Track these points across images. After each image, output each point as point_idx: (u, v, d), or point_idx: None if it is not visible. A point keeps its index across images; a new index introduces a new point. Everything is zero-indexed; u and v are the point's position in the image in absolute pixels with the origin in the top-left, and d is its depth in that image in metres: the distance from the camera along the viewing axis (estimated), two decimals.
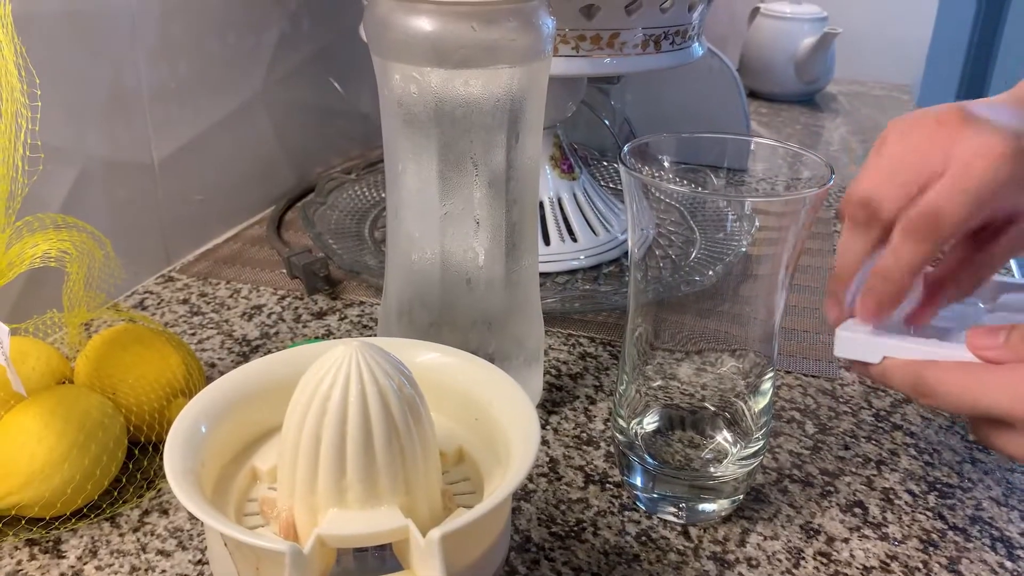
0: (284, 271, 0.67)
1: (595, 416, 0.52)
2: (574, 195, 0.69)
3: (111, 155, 0.61)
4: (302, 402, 0.30)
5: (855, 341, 0.40)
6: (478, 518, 0.27)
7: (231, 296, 0.64)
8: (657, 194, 0.43)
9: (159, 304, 0.63)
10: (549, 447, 0.49)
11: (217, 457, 0.33)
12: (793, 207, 0.39)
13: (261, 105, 0.76)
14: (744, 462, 0.43)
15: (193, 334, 0.59)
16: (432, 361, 0.36)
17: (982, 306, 0.43)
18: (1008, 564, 0.42)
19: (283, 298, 0.64)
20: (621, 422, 0.45)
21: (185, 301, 0.63)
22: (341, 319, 0.61)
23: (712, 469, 0.43)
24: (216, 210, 0.73)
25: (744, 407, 0.44)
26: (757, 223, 0.43)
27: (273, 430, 0.35)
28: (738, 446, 0.44)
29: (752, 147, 0.46)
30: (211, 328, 0.60)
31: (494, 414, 0.34)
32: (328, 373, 0.29)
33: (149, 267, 0.67)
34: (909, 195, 0.38)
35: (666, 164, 0.56)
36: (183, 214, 0.69)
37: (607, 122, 0.91)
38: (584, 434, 0.50)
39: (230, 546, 0.29)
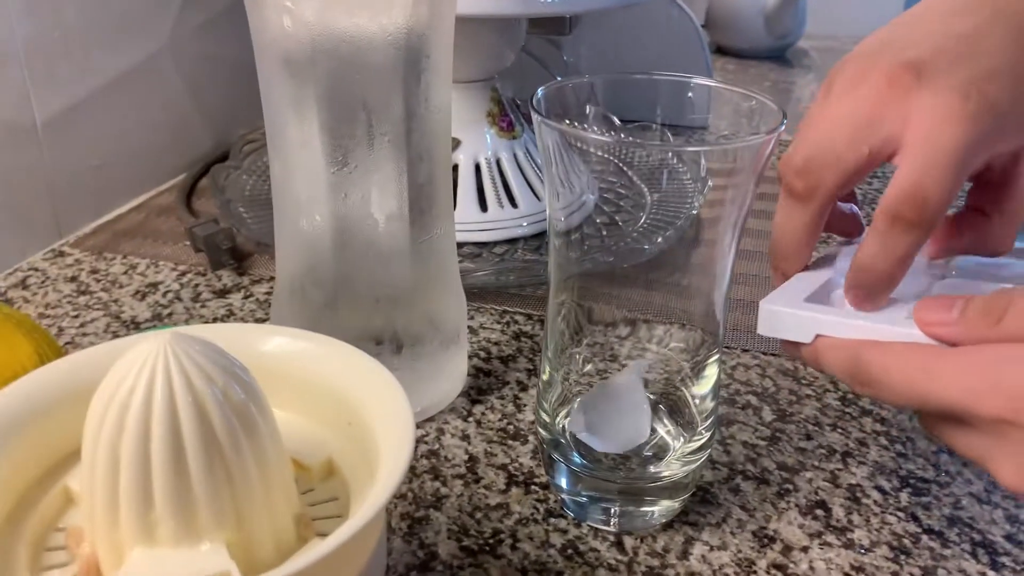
0: (188, 244, 0.60)
1: (525, 405, 0.45)
2: (514, 155, 0.63)
3: None
4: (97, 414, 0.23)
5: (782, 316, 0.34)
6: (312, 564, 0.21)
7: (125, 273, 0.57)
8: (581, 146, 0.37)
9: (43, 282, 0.55)
10: (470, 443, 0.43)
11: (12, 477, 0.26)
12: (740, 156, 0.33)
13: (169, 59, 0.68)
14: (688, 458, 0.37)
15: (76, 316, 0.52)
16: (281, 349, 0.30)
17: (934, 270, 0.37)
18: (991, 573, 0.36)
19: (183, 274, 0.57)
20: (544, 416, 0.39)
21: (73, 279, 0.56)
22: (246, 297, 0.54)
23: (651, 468, 0.37)
24: (118, 177, 0.65)
25: (687, 393, 0.38)
26: (710, 183, 0.37)
27: None
28: (681, 440, 0.38)
29: (690, 95, 0.39)
30: (97, 309, 0.53)
31: (367, 417, 0.28)
32: (127, 377, 0.23)
33: (37, 241, 0.60)
34: (858, 162, 0.32)
35: (616, 122, 0.49)
36: (77, 182, 0.62)
37: (559, 78, 0.84)
38: (511, 426, 0.44)
39: None
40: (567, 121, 0.38)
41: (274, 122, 0.39)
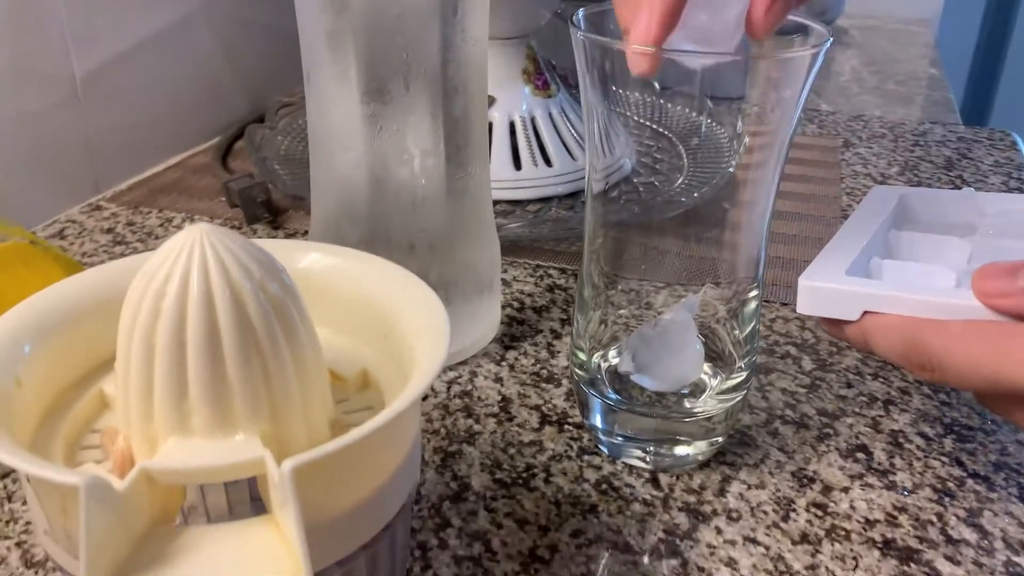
0: (224, 199, 0.60)
1: (559, 352, 0.45)
2: (549, 114, 0.62)
3: (21, 68, 0.54)
4: (132, 303, 0.23)
5: (824, 293, 0.32)
6: (349, 445, 0.21)
7: (161, 225, 0.57)
8: (620, 111, 0.36)
9: (80, 233, 0.56)
10: (503, 384, 0.42)
11: (49, 378, 0.26)
12: (784, 72, 0.32)
13: (203, 20, 0.69)
14: (724, 396, 0.37)
15: None
16: (319, 264, 0.29)
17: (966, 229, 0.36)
18: None
19: None
20: (581, 355, 0.38)
21: (110, 231, 0.56)
22: None
23: (687, 404, 0.37)
24: (154, 136, 0.66)
25: (725, 334, 0.38)
26: (747, 140, 0.36)
27: None
28: (718, 378, 0.37)
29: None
30: None
31: (404, 329, 0.28)
32: (163, 265, 0.23)
33: (74, 195, 0.60)
34: None
35: (657, 87, 0.49)
36: (114, 139, 0.62)
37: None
38: (544, 371, 0.43)
39: (31, 481, 0.22)
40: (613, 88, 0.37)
41: (310, 55, 0.38)
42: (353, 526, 0.23)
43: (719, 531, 0.34)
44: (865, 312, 0.31)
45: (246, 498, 0.25)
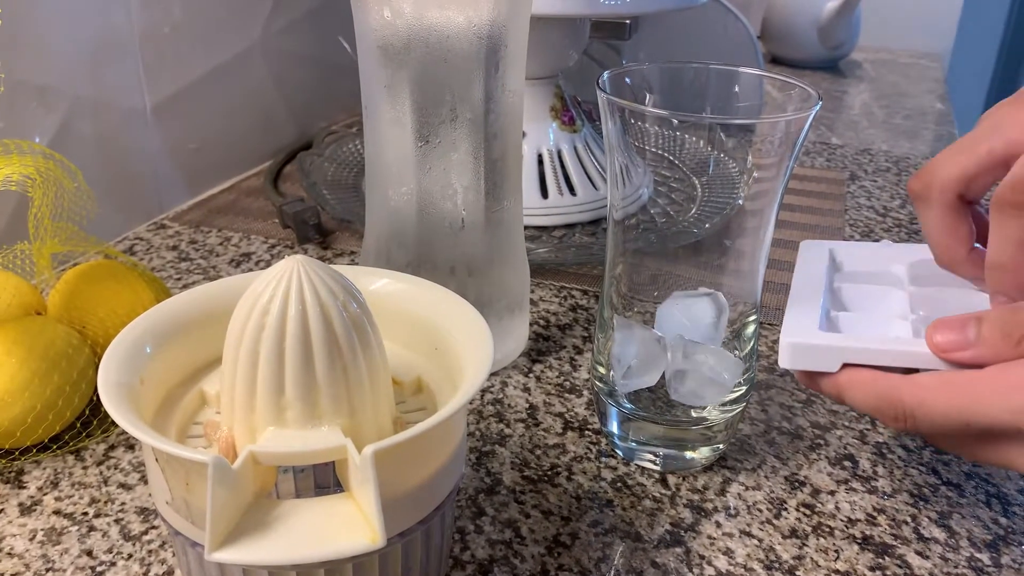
0: (277, 221, 0.66)
1: (580, 366, 0.50)
2: (575, 148, 0.68)
3: (100, 97, 0.60)
4: (241, 317, 0.29)
5: (806, 349, 0.34)
6: (417, 435, 0.26)
7: (221, 244, 0.63)
8: (638, 144, 0.41)
9: (148, 250, 0.62)
10: (530, 394, 0.47)
11: (162, 378, 0.32)
12: (780, 133, 0.38)
13: (260, 55, 0.75)
14: (726, 408, 0.42)
15: (179, 279, 0.58)
16: (385, 288, 0.35)
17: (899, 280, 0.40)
18: (1003, 520, 0.40)
19: (273, 246, 0.63)
20: (600, 369, 0.43)
21: (174, 248, 0.62)
22: None
23: (694, 414, 0.42)
24: (212, 160, 0.72)
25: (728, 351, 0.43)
26: (756, 174, 0.41)
27: None
28: None
29: (737, 87, 0.44)
30: (197, 273, 0.59)
31: (452, 343, 0.33)
32: (268, 287, 0.28)
33: (141, 214, 0.66)
34: (979, 160, 0.35)
35: (674, 123, 0.54)
36: (177, 163, 0.68)
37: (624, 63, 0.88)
38: (567, 382, 0.49)
39: (160, 460, 0.27)
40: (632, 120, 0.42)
41: (370, 102, 0.44)
42: (413, 504, 0.29)
43: (719, 525, 0.39)
44: (844, 364, 0.34)
45: (311, 485, 0.30)
